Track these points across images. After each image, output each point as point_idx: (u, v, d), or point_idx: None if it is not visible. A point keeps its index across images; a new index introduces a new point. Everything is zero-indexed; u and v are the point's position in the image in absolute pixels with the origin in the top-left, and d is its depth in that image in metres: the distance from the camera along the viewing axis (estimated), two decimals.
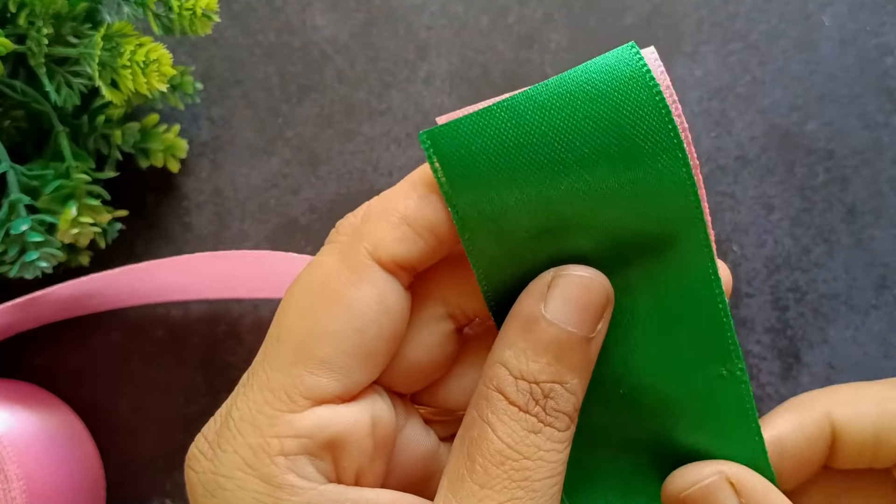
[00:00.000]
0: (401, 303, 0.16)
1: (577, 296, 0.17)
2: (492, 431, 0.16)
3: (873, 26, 0.38)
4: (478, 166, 0.17)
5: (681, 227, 0.18)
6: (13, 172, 0.33)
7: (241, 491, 0.15)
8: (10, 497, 0.31)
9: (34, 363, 0.38)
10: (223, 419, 0.16)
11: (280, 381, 0.15)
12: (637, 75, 0.17)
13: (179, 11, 0.33)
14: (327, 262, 0.16)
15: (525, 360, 0.16)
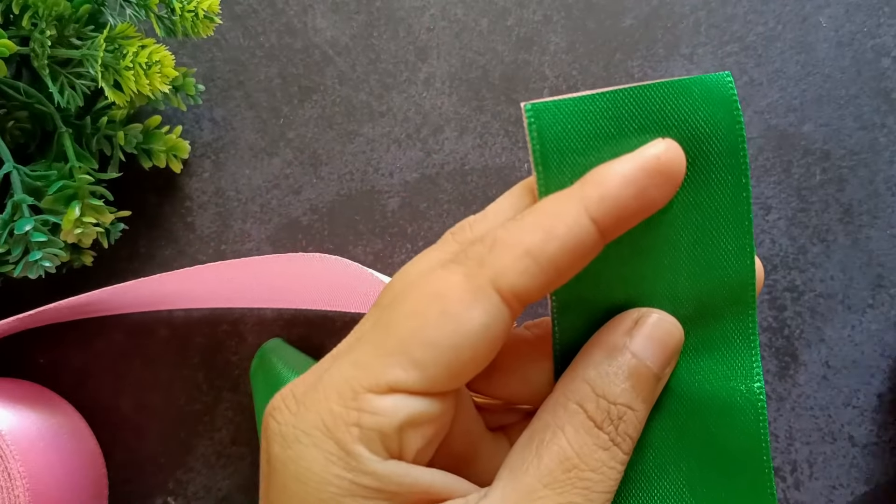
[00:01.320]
0: (503, 330, 0.17)
1: (658, 337, 0.19)
2: (565, 439, 0.18)
3: (870, 28, 0.38)
4: (571, 148, 0.18)
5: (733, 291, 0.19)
6: (17, 173, 0.34)
7: (316, 448, 0.16)
8: (13, 495, 0.31)
9: (38, 362, 0.39)
10: (315, 379, 0.17)
11: (373, 364, 0.17)
12: (727, 101, 0.19)
13: (182, 13, 0.33)
14: (451, 278, 0.17)
15: (608, 382, 0.18)
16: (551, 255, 0.17)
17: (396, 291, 0.18)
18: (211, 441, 0.38)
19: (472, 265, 0.17)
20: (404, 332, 0.17)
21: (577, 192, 0.17)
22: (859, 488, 0.37)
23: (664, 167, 0.17)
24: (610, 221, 0.17)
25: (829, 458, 0.37)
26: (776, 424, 0.37)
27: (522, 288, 0.17)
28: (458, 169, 0.39)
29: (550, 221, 0.17)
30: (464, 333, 0.17)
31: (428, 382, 0.17)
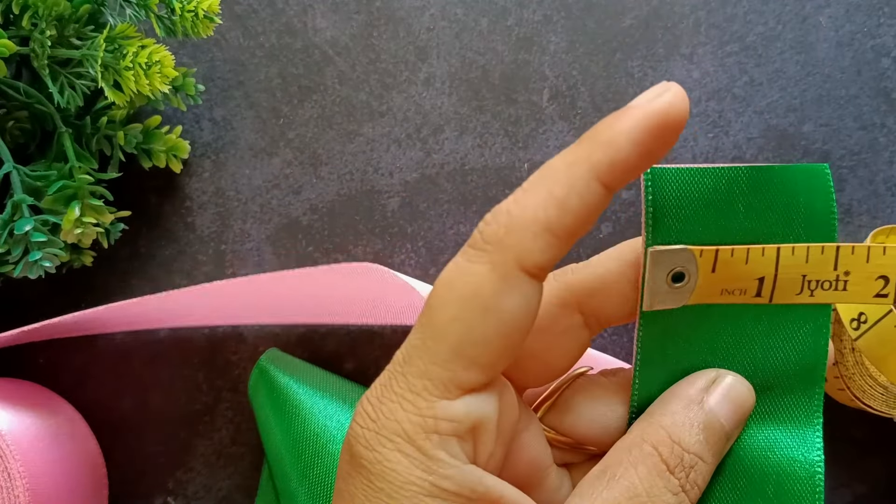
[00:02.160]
0: (539, 303, 0.18)
1: (733, 397, 0.20)
2: (637, 476, 0.18)
3: (870, 28, 0.38)
4: (682, 216, 0.19)
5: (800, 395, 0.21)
6: (17, 173, 0.34)
7: (399, 452, 0.17)
8: (13, 495, 0.31)
9: (38, 362, 0.39)
10: (382, 390, 0.18)
11: (438, 373, 0.18)
12: (824, 191, 0.20)
13: (181, 13, 0.33)
14: (478, 271, 0.18)
15: (684, 431, 0.19)
16: (568, 226, 0.17)
17: (436, 296, 0.18)
18: (211, 441, 0.38)
19: (494, 252, 0.18)
20: (456, 337, 0.18)
21: (585, 156, 0.18)
22: (860, 488, 0.37)
23: (674, 121, 0.17)
24: (620, 182, 0.18)
25: (830, 458, 0.37)
26: None
27: (546, 261, 0.18)
28: (458, 169, 0.39)
29: (562, 192, 0.17)
30: (508, 321, 0.18)
31: (489, 372, 0.18)
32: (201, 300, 0.35)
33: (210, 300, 0.35)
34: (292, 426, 0.34)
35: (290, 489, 0.33)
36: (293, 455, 0.33)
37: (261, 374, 0.35)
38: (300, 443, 0.33)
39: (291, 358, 0.36)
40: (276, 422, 0.34)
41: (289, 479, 0.33)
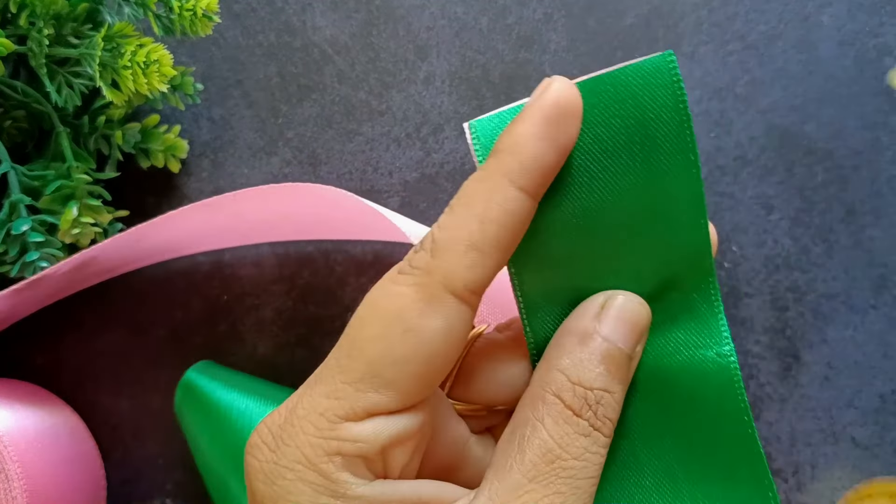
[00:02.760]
0: (466, 326, 0.18)
1: (627, 318, 0.19)
2: (545, 431, 0.18)
3: (872, 27, 0.38)
4: None
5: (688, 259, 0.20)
6: (14, 173, 0.34)
7: (301, 482, 0.17)
8: (11, 496, 0.31)
9: (36, 363, 0.38)
10: (288, 413, 0.18)
11: (346, 392, 0.17)
12: (670, 83, 0.19)
13: (180, 12, 0.33)
14: (404, 292, 0.17)
15: (583, 369, 0.18)
16: (493, 239, 0.17)
17: (358, 315, 0.18)
18: None
19: (420, 274, 0.17)
20: (371, 355, 0.17)
21: (495, 166, 0.17)
22: None
23: (567, 107, 0.17)
24: (537, 183, 0.17)
25: (832, 460, 0.36)
26: (778, 426, 0.37)
27: (475, 282, 0.17)
28: (458, 168, 0.39)
29: (481, 206, 0.17)
30: (429, 343, 0.17)
31: (404, 398, 0.17)
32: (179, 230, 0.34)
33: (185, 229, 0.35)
34: (222, 432, 0.33)
35: (230, 495, 0.33)
36: (227, 460, 0.33)
37: (185, 392, 0.35)
38: (232, 447, 0.33)
39: (223, 369, 0.36)
40: (205, 431, 0.34)
41: (227, 486, 0.33)
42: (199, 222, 0.34)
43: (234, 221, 0.35)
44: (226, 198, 0.32)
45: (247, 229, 0.37)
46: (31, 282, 0.32)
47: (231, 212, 0.34)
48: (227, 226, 0.36)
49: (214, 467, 0.33)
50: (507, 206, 0.17)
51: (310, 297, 0.38)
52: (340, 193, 0.32)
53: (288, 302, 0.38)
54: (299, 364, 0.38)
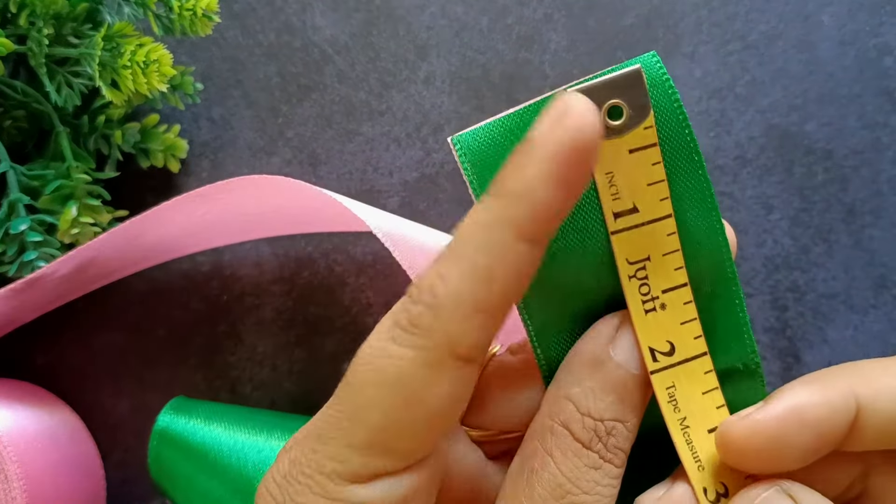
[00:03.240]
0: (472, 386, 0.17)
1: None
2: (554, 465, 0.17)
3: (872, 26, 0.38)
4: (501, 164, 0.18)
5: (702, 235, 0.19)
6: (13, 172, 0.33)
7: None
8: (10, 497, 0.31)
9: (35, 363, 0.38)
10: (290, 464, 0.17)
11: (350, 457, 0.16)
12: (658, 83, 0.18)
13: (180, 12, 0.33)
14: (404, 355, 0.16)
15: (593, 399, 0.17)
16: (501, 298, 0.16)
17: (358, 373, 0.17)
18: None
19: (421, 335, 0.16)
20: (374, 424, 0.16)
21: (502, 213, 0.15)
22: None
23: (585, 147, 0.15)
24: (549, 233, 0.16)
25: None
26: None
27: (482, 341, 0.16)
28: (458, 168, 0.38)
29: (487, 262, 0.15)
30: (434, 410, 0.16)
31: (410, 459, 0.17)
32: (165, 230, 0.34)
33: (171, 229, 0.35)
34: (219, 472, 0.32)
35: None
36: (234, 498, 0.32)
37: (160, 440, 0.34)
38: (235, 483, 0.32)
39: (199, 402, 0.35)
40: (199, 475, 0.33)
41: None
42: (193, 214, 0.34)
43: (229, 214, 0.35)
44: (218, 186, 0.32)
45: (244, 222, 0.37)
46: (29, 281, 0.32)
47: (225, 204, 0.34)
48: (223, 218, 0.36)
49: (223, 499, 0.32)
50: (515, 263, 0.15)
51: (310, 297, 0.38)
52: (293, 183, 0.32)
53: (288, 302, 0.38)
54: (299, 364, 0.38)
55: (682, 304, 0.18)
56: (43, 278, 0.33)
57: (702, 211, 0.18)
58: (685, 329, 0.18)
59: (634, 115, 0.18)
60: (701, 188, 0.18)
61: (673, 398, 0.19)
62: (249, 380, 0.38)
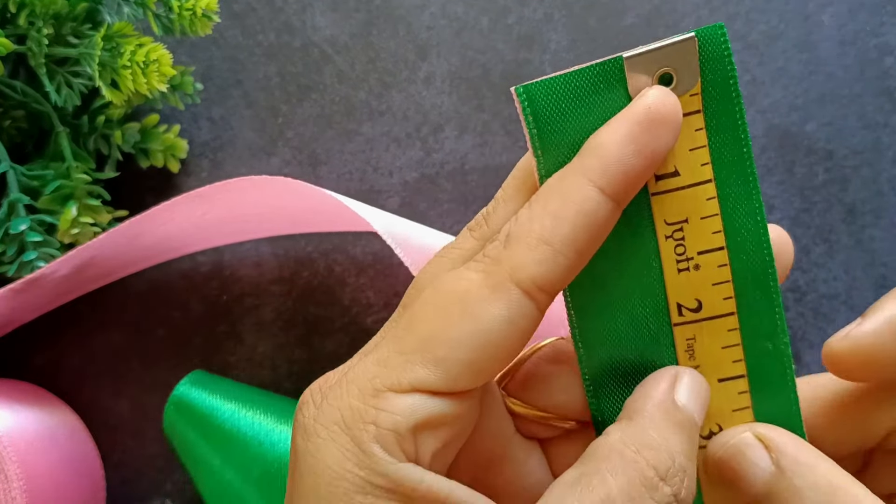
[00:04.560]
0: (529, 325, 0.17)
1: (698, 392, 0.19)
2: (615, 486, 0.16)
3: (873, 26, 0.38)
4: (568, 125, 0.18)
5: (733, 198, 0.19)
6: (13, 172, 0.33)
7: (332, 442, 0.16)
8: (10, 497, 0.31)
9: (35, 363, 0.38)
10: (340, 376, 0.17)
11: (396, 362, 0.17)
12: (718, 55, 0.18)
13: (179, 12, 0.33)
14: (471, 277, 0.17)
15: (670, 432, 0.17)
16: (566, 237, 0.17)
17: (419, 290, 0.18)
18: None
19: (490, 262, 0.17)
20: (426, 331, 0.17)
21: (577, 166, 0.17)
22: None
23: (658, 115, 0.17)
24: (618, 186, 0.17)
25: None
26: None
27: (543, 277, 0.17)
28: (458, 168, 0.38)
29: (558, 204, 0.17)
30: (486, 331, 0.16)
31: (451, 381, 0.17)
32: (165, 230, 0.34)
33: (172, 228, 0.35)
34: (234, 449, 0.32)
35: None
36: (246, 478, 0.32)
37: (176, 410, 0.34)
38: (249, 464, 0.32)
39: (216, 378, 0.35)
40: (213, 450, 0.33)
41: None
42: (192, 214, 0.34)
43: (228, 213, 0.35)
44: (217, 186, 0.32)
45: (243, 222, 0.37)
46: (29, 281, 0.32)
47: (225, 203, 0.34)
48: (222, 217, 0.36)
49: (232, 488, 0.32)
50: (583, 206, 0.17)
51: (310, 297, 0.38)
52: (292, 184, 0.32)
53: (288, 302, 0.38)
54: (299, 364, 0.38)
55: (716, 266, 0.19)
56: (43, 278, 0.33)
57: (742, 188, 0.19)
58: (716, 290, 0.19)
59: (683, 83, 0.18)
60: (743, 167, 0.19)
61: (691, 348, 0.19)
62: (249, 380, 0.38)
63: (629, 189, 0.17)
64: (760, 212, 0.19)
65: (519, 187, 0.19)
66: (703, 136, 0.18)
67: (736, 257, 0.19)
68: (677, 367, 0.19)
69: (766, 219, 0.19)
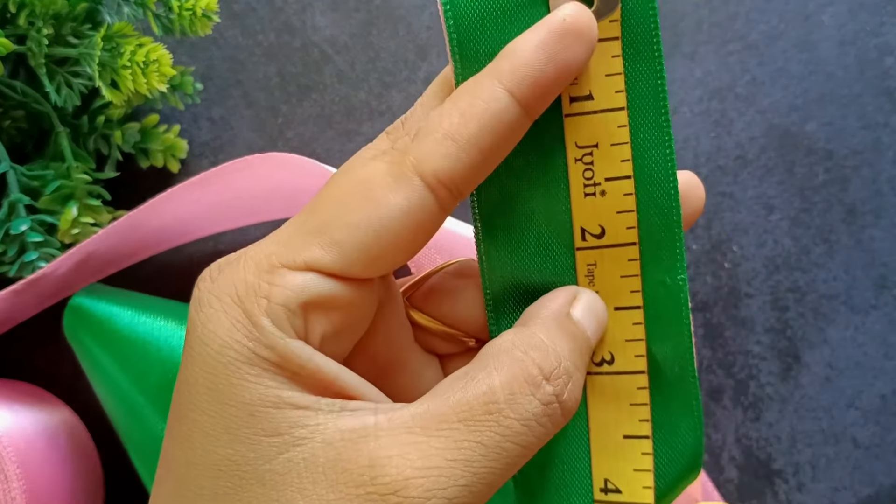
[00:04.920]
0: (428, 219, 0.17)
1: (595, 311, 0.19)
2: (497, 379, 0.17)
3: (873, 26, 0.38)
4: (488, 33, 0.18)
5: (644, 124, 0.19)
6: (13, 172, 0.33)
7: (224, 313, 0.16)
8: (9, 497, 0.31)
9: (35, 363, 0.38)
10: (240, 254, 0.18)
11: (294, 242, 0.17)
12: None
13: (179, 12, 0.33)
14: (376, 165, 0.18)
15: (560, 339, 0.18)
16: (471, 134, 0.17)
17: (329, 182, 0.18)
18: None
19: (396, 154, 0.17)
20: (327, 214, 0.17)
21: (490, 69, 0.17)
22: (863, 491, 0.36)
23: (572, 27, 0.17)
24: (527, 92, 0.17)
25: (832, 461, 0.36)
26: (779, 426, 0.37)
27: (445, 172, 0.17)
28: None
29: (467, 101, 0.17)
30: (384, 217, 0.17)
31: (345, 264, 0.17)
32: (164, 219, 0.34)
33: (170, 217, 0.35)
34: (128, 356, 0.31)
35: (139, 415, 0.31)
36: (139, 385, 0.31)
37: (76, 316, 0.33)
38: (143, 370, 0.31)
39: (114, 289, 0.34)
40: (109, 357, 0.32)
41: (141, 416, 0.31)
42: (191, 203, 0.34)
43: (224, 199, 0.35)
44: (213, 172, 0.32)
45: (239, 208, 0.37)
46: (30, 282, 0.32)
47: (220, 189, 0.34)
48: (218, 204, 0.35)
49: (124, 394, 0.31)
50: (490, 106, 0.17)
51: None
52: (317, 166, 0.32)
53: None
54: None
55: (622, 194, 0.19)
56: (43, 278, 0.33)
57: (654, 120, 0.19)
58: (620, 218, 0.19)
59: (603, 7, 0.18)
60: (657, 99, 0.19)
61: (591, 273, 0.20)
62: None
63: (537, 97, 0.17)
64: (669, 146, 0.19)
65: (437, 93, 0.19)
66: (620, 63, 0.19)
67: (642, 188, 0.19)
68: (578, 287, 0.20)
69: (676, 159, 0.19)
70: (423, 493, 0.15)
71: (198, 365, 0.16)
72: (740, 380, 0.37)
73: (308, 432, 0.16)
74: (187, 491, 0.16)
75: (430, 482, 0.15)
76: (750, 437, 0.37)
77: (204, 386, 0.16)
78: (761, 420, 0.37)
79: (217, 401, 0.16)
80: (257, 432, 0.16)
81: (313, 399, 0.16)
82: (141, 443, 0.31)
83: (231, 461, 0.16)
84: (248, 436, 0.16)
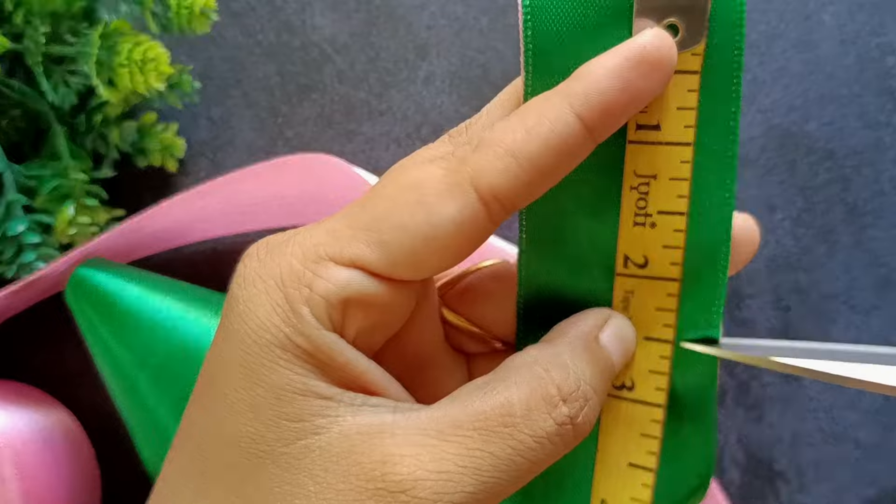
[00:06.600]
0: (478, 230, 0.17)
1: (623, 337, 0.19)
2: (516, 394, 0.17)
3: (873, 26, 0.38)
4: (563, 48, 0.18)
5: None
6: (10, 172, 0.33)
7: (266, 295, 0.17)
8: (6, 499, 0.31)
9: (32, 364, 0.38)
10: (290, 236, 0.18)
11: (343, 235, 0.17)
12: (729, 19, 0.18)
13: (177, 10, 0.33)
14: (431, 169, 0.17)
15: (582, 359, 0.18)
16: (533, 153, 0.17)
17: (384, 179, 0.18)
18: None
19: (455, 161, 0.17)
20: (379, 212, 0.17)
21: (562, 88, 0.17)
22: (864, 491, 0.36)
23: (650, 55, 0.17)
24: (596, 117, 0.17)
25: (835, 461, 0.36)
26: (781, 426, 0.37)
27: (502, 188, 0.17)
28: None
29: (534, 119, 0.17)
30: (434, 224, 0.17)
31: (389, 265, 0.17)
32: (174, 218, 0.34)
33: (177, 218, 0.34)
34: (129, 330, 0.30)
35: (138, 394, 0.30)
36: (139, 361, 0.30)
37: (79, 285, 0.32)
38: (142, 346, 0.30)
39: (119, 265, 0.34)
40: (110, 331, 0.31)
41: (136, 388, 0.30)
42: (193, 210, 0.34)
43: (226, 205, 0.35)
44: (217, 182, 0.32)
45: (240, 214, 0.37)
46: (28, 284, 0.32)
47: (223, 196, 0.34)
48: (220, 210, 0.35)
49: (125, 371, 0.30)
50: (557, 127, 0.17)
51: None
52: (329, 164, 0.32)
53: None
54: None
55: (672, 229, 0.19)
56: (41, 279, 0.32)
57: (720, 161, 0.18)
58: (666, 252, 0.19)
59: (688, 38, 0.18)
60: (727, 141, 0.18)
61: (627, 300, 0.19)
62: None
63: (606, 122, 0.17)
64: (730, 190, 0.18)
65: (504, 103, 0.19)
66: (695, 98, 0.18)
67: (694, 227, 0.19)
68: (611, 310, 0.20)
69: (736, 201, 0.19)
70: (430, 494, 0.16)
71: (234, 341, 0.17)
72: (742, 381, 0.37)
73: (327, 422, 0.16)
74: (204, 458, 0.17)
75: (438, 485, 0.16)
76: (752, 438, 0.37)
77: (236, 362, 0.16)
78: (763, 421, 0.37)
79: (247, 378, 0.16)
80: (280, 415, 0.16)
81: (337, 391, 0.17)
82: (140, 420, 0.31)
83: (251, 438, 0.16)
84: (270, 417, 0.16)
